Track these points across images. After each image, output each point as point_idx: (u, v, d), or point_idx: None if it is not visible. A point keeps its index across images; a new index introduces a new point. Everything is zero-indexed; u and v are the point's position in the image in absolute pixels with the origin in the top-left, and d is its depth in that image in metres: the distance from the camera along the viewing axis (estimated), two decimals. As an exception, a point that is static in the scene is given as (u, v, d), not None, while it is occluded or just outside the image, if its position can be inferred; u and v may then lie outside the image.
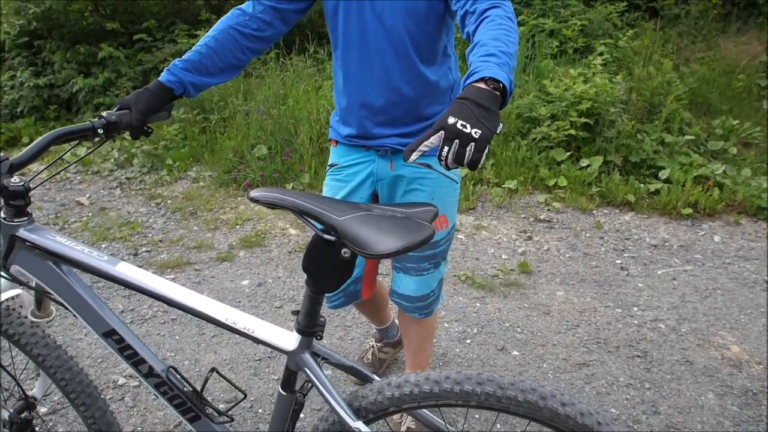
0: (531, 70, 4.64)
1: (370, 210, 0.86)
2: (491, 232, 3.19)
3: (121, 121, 1.15)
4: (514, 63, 0.92)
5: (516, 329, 2.24)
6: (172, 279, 2.66)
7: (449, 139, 0.79)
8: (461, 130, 0.78)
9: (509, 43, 0.93)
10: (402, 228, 0.82)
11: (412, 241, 0.79)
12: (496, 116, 0.82)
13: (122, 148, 4.35)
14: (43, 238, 1.02)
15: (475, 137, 0.78)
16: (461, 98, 0.82)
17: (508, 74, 0.87)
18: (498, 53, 0.90)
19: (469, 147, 0.79)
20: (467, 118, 0.79)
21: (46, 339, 1.12)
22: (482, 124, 0.79)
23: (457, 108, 0.81)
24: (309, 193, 0.90)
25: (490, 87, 0.84)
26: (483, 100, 0.82)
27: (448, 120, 0.79)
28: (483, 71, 0.86)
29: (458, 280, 2.64)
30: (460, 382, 0.86)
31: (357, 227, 0.81)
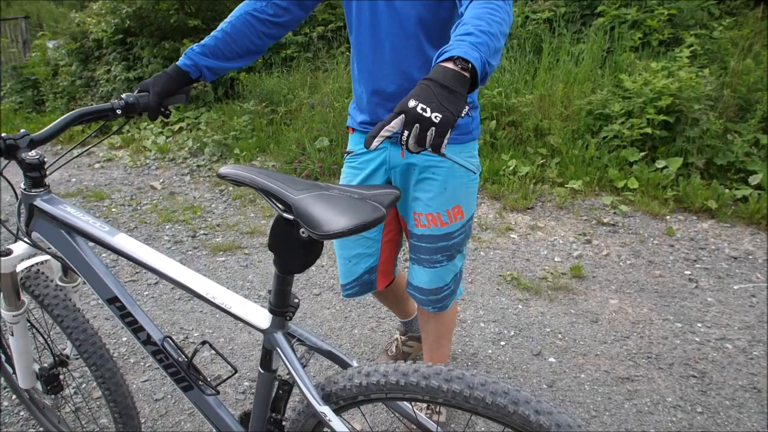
0: (609, 64, 4.34)
1: (327, 189, 0.83)
2: (547, 233, 3.02)
3: (139, 102, 1.20)
4: (496, 43, 0.86)
5: (557, 335, 2.09)
6: (223, 261, 2.78)
7: (409, 123, 0.75)
8: (421, 114, 0.74)
9: (493, 22, 0.87)
10: (353, 209, 0.78)
11: (358, 222, 0.75)
12: (461, 99, 0.77)
13: (196, 137, 4.62)
14: (55, 208, 1.08)
15: (435, 122, 0.74)
16: (426, 79, 0.78)
17: (481, 54, 0.81)
18: (476, 32, 0.84)
19: (430, 132, 0.75)
20: (428, 101, 0.75)
21: (66, 302, 1.20)
22: (444, 107, 0.75)
23: (419, 90, 0.77)
24: (273, 171, 0.88)
25: (458, 67, 0.79)
26: (448, 81, 0.77)
27: (409, 103, 0.75)
28: (452, 50, 0.80)
29: (503, 280, 2.52)
30: (427, 377, 0.81)
31: (309, 206, 0.78)
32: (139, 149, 4.78)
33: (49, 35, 6.69)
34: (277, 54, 5.24)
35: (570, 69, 4.31)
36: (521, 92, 4.22)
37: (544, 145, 3.89)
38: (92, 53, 5.82)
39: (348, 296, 1.55)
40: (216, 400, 1.12)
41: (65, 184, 4.11)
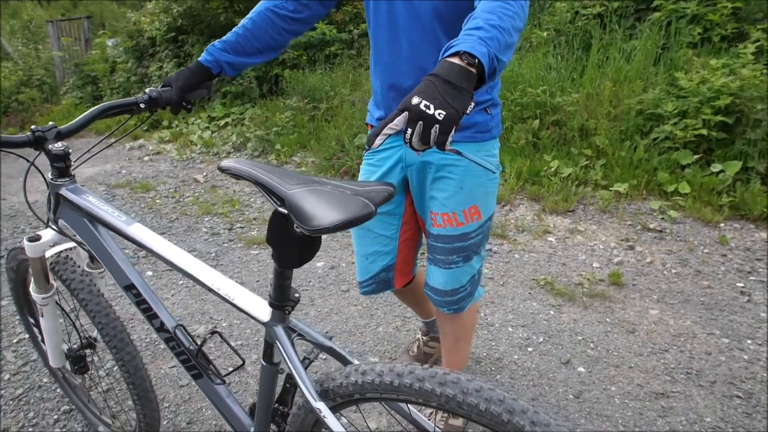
0: (663, 61, 4.11)
1: (321, 184, 0.82)
2: (587, 237, 2.90)
3: (162, 97, 1.23)
4: (507, 38, 0.83)
5: (589, 344, 2.00)
6: (256, 254, 2.84)
7: (413, 121, 0.74)
8: (424, 111, 0.73)
9: (504, 16, 0.85)
10: (342, 205, 0.76)
11: (345, 218, 0.73)
12: (466, 95, 0.75)
13: (240, 133, 4.74)
14: (78, 197, 1.13)
15: (438, 119, 0.73)
16: (431, 74, 0.77)
17: (490, 49, 0.79)
18: (486, 26, 0.82)
19: (434, 129, 0.73)
20: (432, 98, 0.74)
21: (91, 287, 1.25)
22: (448, 104, 0.74)
23: (423, 86, 0.75)
24: (271, 165, 0.87)
25: (464, 62, 0.77)
26: (453, 77, 0.75)
27: (412, 100, 0.74)
28: (458, 45, 0.78)
29: (536, 284, 2.43)
30: (422, 380, 0.78)
31: (300, 200, 0.77)
32: (186, 143, 4.96)
33: (108, 34, 7.07)
34: (321, 51, 5.30)
35: (621, 67, 4.12)
36: (567, 91, 4.07)
37: (589, 146, 3.73)
38: (146, 51, 6.09)
39: (365, 293, 1.54)
40: (225, 389, 1.14)
41: (116, 175, 4.32)
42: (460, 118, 0.74)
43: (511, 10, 0.87)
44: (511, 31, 0.85)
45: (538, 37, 4.59)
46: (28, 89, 7.03)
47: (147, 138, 5.41)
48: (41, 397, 1.78)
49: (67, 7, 8.37)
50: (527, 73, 4.15)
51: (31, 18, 8.56)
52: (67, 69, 7.24)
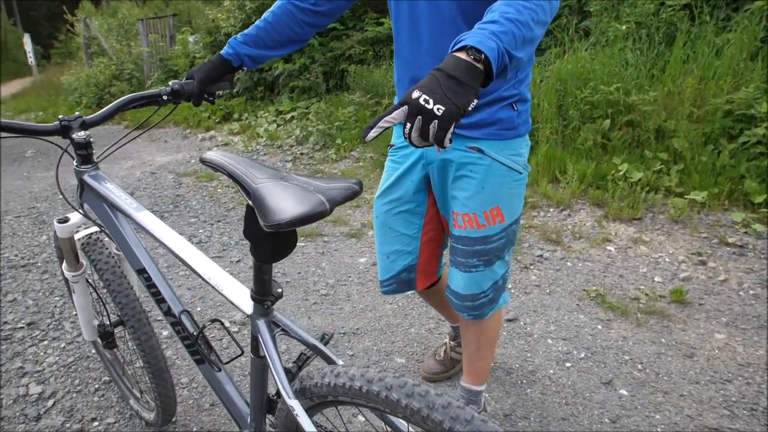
0: (762, 56, 3.68)
1: (286, 179, 0.79)
2: (652, 248, 2.66)
3: (184, 89, 1.26)
4: (525, 32, 0.80)
5: (636, 365, 1.83)
6: (302, 246, 2.88)
7: (412, 115, 0.72)
8: (423, 105, 0.71)
9: (523, 9, 0.81)
10: (298, 201, 0.73)
11: (295, 215, 0.70)
12: (470, 91, 0.73)
13: (303, 126, 4.85)
14: (97, 183, 1.18)
15: (437, 114, 0.71)
16: (436, 68, 0.75)
17: (500, 44, 0.75)
18: (501, 20, 0.79)
19: (432, 125, 0.71)
20: (432, 93, 0.72)
21: (116, 269, 1.31)
22: (448, 99, 0.72)
23: (426, 80, 0.74)
24: (248, 159, 0.85)
25: (471, 58, 0.74)
26: (458, 72, 0.73)
27: (412, 94, 0.72)
28: (466, 39, 0.75)
29: (586, 296, 2.26)
30: (389, 388, 0.73)
31: (262, 194, 0.75)
32: (253, 135, 5.15)
33: (190, 31, 7.53)
34: (387, 47, 5.29)
35: (710, 62, 3.74)
36: (644, 89, 3.76)
37: (665, 149, 3.43)
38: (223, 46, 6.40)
39: (386, 293, 1.49)
40: (225, 377, 1.15)
41: (185, 164, 4.58)
42: (460, 115, 0.72)
43: (532, 2, 0.82)
44: (531, 24, 0.81)
45: (615, 31, 4.28)
46: (119, 82, 7.66)
47: (218, 129, 5.69)
48: (87, 366, 1.91)
49: (160, 7, 9.02)
50: (600, 70, 3.89)
51: (125, 17, 9.32)
52: (153, 64, 7.80)
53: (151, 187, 4.00)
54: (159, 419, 1.48)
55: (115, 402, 1.73)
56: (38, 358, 1.96)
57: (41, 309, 2.29)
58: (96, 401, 1.74)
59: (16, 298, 2.39)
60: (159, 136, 5.86)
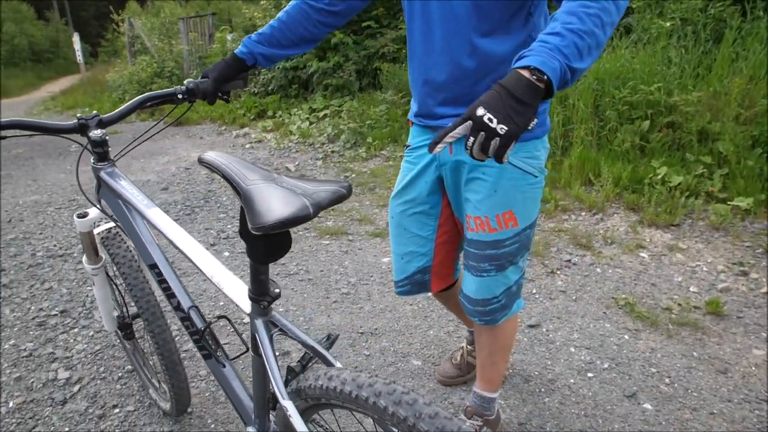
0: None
1: (276, 181, 0.78)
2: (689, 256, 2.54)
3: (199, 88, 1.28)
4: (588, 41, 0.80)
5: (664, 378, 1.74)
6: (327, 245, 2.89)
7: (475, 131, 0.76)
8: (487, 124, 0.75)
9: (586, 17, 0.80)
10: (283, 205, 0.72)
11: (276, 219, 0.69)
12: (531, 111, 0.76)
13: (335, 124, 4.87)
14: (112, 180, 1.21)
15: (500, 133, 0.74)
16: (500, 85, 0.77)
17: (563, 61, 0.77)
18: (563, 32, 0.79)
19: (494, 141, 0.75)
20: (496, 111, 0.75)
21: (132, 263, 1.34)
22: (511, 119, 0.75)
23: (489, 97, 0.77)
24: (242, 160, 0.85)
25: (533, 77, 0.76)
26: (520, 92, 0.76)
27: (477, 111, 0.76)
28: (530, 57, 0.77)
29: (614, 304, 2.18)
30: (378, 395, 0.71)
31: (251, 196, 0.75)
32: (286, 133, 5.21)
33: (229, 29, 7.69)
34: (421, 45, 5.25)
35: (762, 61, 3.54)
36: (688, 89, 3.59)
37: (708, 152, 3.26)
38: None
39: (400, 294, 1.47)
40: (232, 373, 1.15)
41: (219, 160, 4.68)
42: (520, 133, 0.75)
43: (595, 8, 0.81)
44: (595, 32, 0.81)
45: (659, 28, 4.10)
46: (160, 80, 7.91)
47: (252, 126, 5.79)
48: (113, 355, 1.97)
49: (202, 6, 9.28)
50: (640, 68, 3.73)
51: (167, 16, 9.63)
52: (192, 62, 8.02)
53: (184, 182, 4.11)
54: (174, 410, 1.51)
55: (135, 390, 1.78)
56: (68, 345, 2.04)
57: (74, 298, 2.38)
58: (118, 389, 1.79)
59: (52, 287, 2.50)
60: (195, 133, 6.02)
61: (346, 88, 5.46)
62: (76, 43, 13.66)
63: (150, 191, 3.90)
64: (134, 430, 1.61)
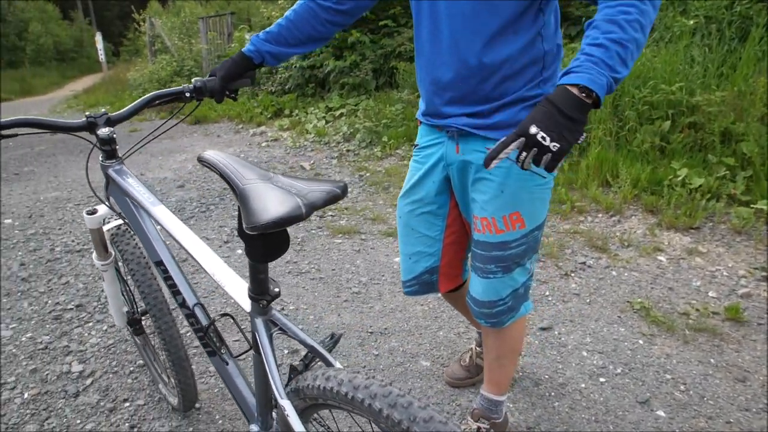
0: None
1: (272, 180, 0.78)
2: (709, 260, 2.47)
3: (206, 86, 1.28)
4: (631, 47, 0.84)
5: (679, 385, 1.70)
6: (339, 243, 2.89)
7: (529, 147, 0.82)
8: (541, 142, 0.81)
9: (627, 24, 0.83)
10: (277, 204, 0.71)
11: (268, 219, 0.69)
12: (581, 126, 0.82)
13: (351, 123, 4.87)
14: (119, 177, 1.22)
15: (552, 150, 0.81)
16: (550, 102, 0.82)
17: (609, 76, 0.82)
18: (607, 43, 0.83)
19: (546, 156, 0.81)
20: (549, 130, 0.81)
21: (140, 259, 1.35)
22: (564, 138, 0.81)
23: (541, 115, 0.82)
24: (241, 159, 0.85)
25: (582, 95, 0.81)
26: (571, 110, 0.81)
27: (530, 130, 0.81)
28: (578, 75, 0.81)
29: (629, 308, 2.13)
30: (373, 397, 0.71)
31: (247, 196, 0.75)
32: (302, 132, 5.23)
33: (247, 28, 7.75)
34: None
35: (789, 60, 3.43)
36: (711, 88, 3.50)
37: (731, 154, 3.18)
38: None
39: (408, 294, 1.47)
40: (236, 370, 1.16)
41: (235, 158, 4.71)
42: (570, 148, 0.82)
43: (634, 13, 0.84)
44: (636, 37, 0.84)
45: (682, 26, 4.01)
46: (179, 78, 8.02)
47: (269, 125, 5.83)
48: (125, 349, 2.00)
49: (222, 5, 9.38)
50: (661, 68, 3.65)
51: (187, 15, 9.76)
52: (211, 60, 8.10)
53: (200, 179, 4.15)
54: (181, 405, 1.53)
55: (146, 385, 1.80)
56: (82, 339, 2.08)
57: (89, 292, 2.42)
58: (129, 383, 1.81)
59: (68, 281, 2.54)
60: (213, 131, 6.08)
61: (363, 87, 5.45)
62: (99, 42, 13.93)
63: (167, 188, 3.95)
64: (143, 424, 1.62)
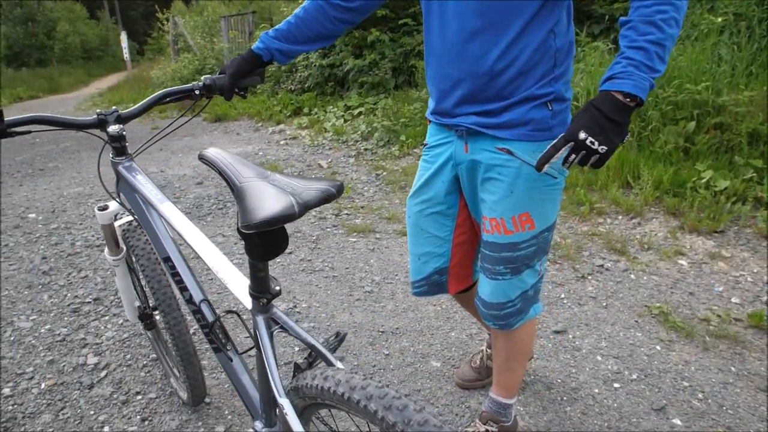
0: None
1: (268, 179, 0.77)
2: (732, 265, 2.40)
3: (216, 84, 1.29)
4: (669, 44, 0.89)
5: (696, 393, 1.64)
6: (354, 242, 2.88)
7: (577, 150, 0.91)
8: (589, 146, 0.90)
9: (663, 23, 0.88)
10: (271, 203, 0.70)
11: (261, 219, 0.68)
12: (625, 128, 0.90)
13: (369, 122, 4.87)
14: (128, 174, 1.23)
15: (600, 152, 0.90)
16: (595, 107, 0.90)
17: (651, 76, 0.88)
18: (647, 46, 0.88)
19: (594, 157, 0.91)
20: (596, 135, 0.89)
21: (151, 255, 1.36)
22: (610, 140, 0.89)
23: (588, 120, 0.90)
24: (240, 158, 0.84)
25: (627, 100, 0.88)
26: (616, 115, 0.88)
27: (579, 135, 0.90)
28: (622, 81, 0.88)
29: (647, 312, 2.08)
30: (369, 398, 0.70)
31: (244, 194, 0.74)
32: (321, 130, 5.25)
33: (268, 27, 7.82)
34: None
35: (823, 58, 3.31)
36: (739, 88, 3.39)
37: (760, 155, 3.08)
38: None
39: (417, 294, 1.45)
40: (241, 367, 1.16)
41: (253, 156, 4.75)
42: (616, 149, 0.90)
43: (670, 11, 0.88)
44: (673, 33, 0.89)
45: (709, 23, 3.90)
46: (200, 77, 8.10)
47: (288, 123, 5.86)
48: (139, 343, 2.03)
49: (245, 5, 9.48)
50: (687, 67, 3.55)
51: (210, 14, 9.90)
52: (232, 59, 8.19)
53: (218, 177, 4.20)
54: (190, 400, 1.54)
55: (158, 379, 1.82)
56: (99, 332, 2.12)
57: (107, 286, 2.47)
58: (142, 376, 1.84)
59: (87, 275, 2.60)
60: (233, 129, 6.14)
61: (382, 86, 5.44)
62: (124, 41, 14.22)
63: (185, 185, 4.01)
64: (154, 417, 1.64)
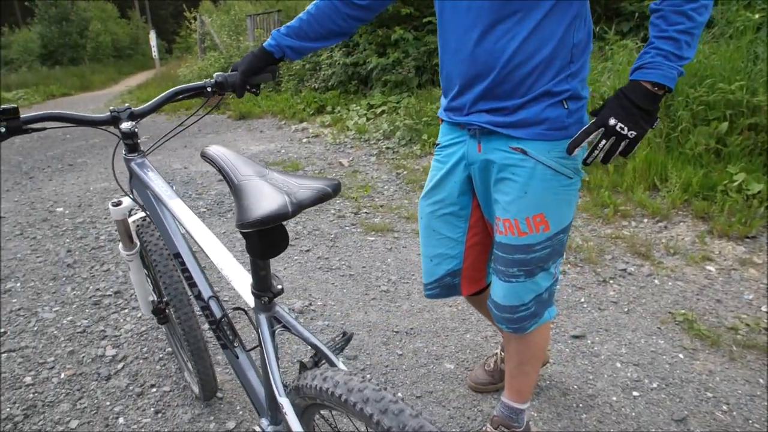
0: None
1: (266, 177, 0.76)
2: (764, 272, 2.30)
3: (227, 81, 1.29)
4: (697, 31, 0.92)
5: (720, 405, 1.58)
6: (372, 241, 2.87)
7: (607, 136, 0.96)
8: (619, 131, 0.95)
9: (692, 12, 0.91)
10: (266, 202, 0.69)
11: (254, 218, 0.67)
12: (654, 114, 0.95)
13: (391, 120, 4.85)
14: (139, 170, 1.24)
15: (630, 137, 0.95)
16: (625, 95, 0.95)
17: (679, 65, 0.92)
18: (676, 35, 0.92)
19: (624, 143, 0.96)
20: (627, 121, 0.94)
21: (163, 251, 1.37)
22: (640, 126, 0.95)
23: (619, 108, 0.95)
24: (240, 156, 0.84)
25: (655, 88, 0.93)
26: (646, 103, 0.94)
27: (610, 121, 0.95)
28: (651, 71, 0.93)
29: (670, 319, 2.01)
30: (366, 401, 0.68)
31: (240, 193, 0.74)
32: (343, 128, 5.26)
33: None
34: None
35: None
36: (775, 87, 3.25)
37: (796, 158, 2.95)
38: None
39: (429, 297, 1.43)
40: (247, 362, 1.16)
41: (275, 153, 4.79)
42: (646, 133, 0.96)
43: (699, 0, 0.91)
44: (701, 21, 0.92)
45: (746, 20, 3.75)
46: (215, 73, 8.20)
47: (311, 121, 5.89)
48: (156, 336, 2.06)
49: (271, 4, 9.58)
50: (720, 65, 3.43)
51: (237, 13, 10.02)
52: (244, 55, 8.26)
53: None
54: (202, 394, 1.55)
55: (173, 372, 1.85)
56: (118, 324, 2.16)
57: (128, 280, 2.52)
58: (158, 369, 1.87)
59: (109, 269, 2.65)
60: (256, 126, 6.21)
61: (405, 85, 5.42)
62: (153, 39, 14.52)
63: (207, 182, 4.06)
64: (168, 409, 1.66)
